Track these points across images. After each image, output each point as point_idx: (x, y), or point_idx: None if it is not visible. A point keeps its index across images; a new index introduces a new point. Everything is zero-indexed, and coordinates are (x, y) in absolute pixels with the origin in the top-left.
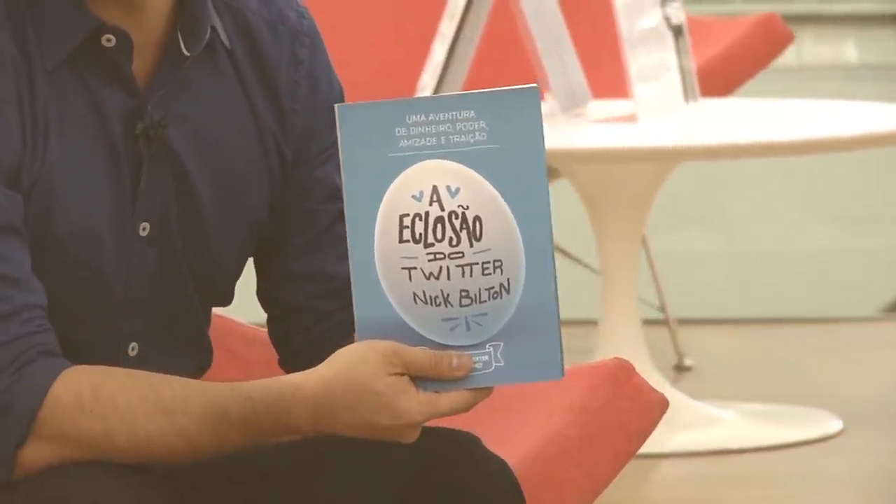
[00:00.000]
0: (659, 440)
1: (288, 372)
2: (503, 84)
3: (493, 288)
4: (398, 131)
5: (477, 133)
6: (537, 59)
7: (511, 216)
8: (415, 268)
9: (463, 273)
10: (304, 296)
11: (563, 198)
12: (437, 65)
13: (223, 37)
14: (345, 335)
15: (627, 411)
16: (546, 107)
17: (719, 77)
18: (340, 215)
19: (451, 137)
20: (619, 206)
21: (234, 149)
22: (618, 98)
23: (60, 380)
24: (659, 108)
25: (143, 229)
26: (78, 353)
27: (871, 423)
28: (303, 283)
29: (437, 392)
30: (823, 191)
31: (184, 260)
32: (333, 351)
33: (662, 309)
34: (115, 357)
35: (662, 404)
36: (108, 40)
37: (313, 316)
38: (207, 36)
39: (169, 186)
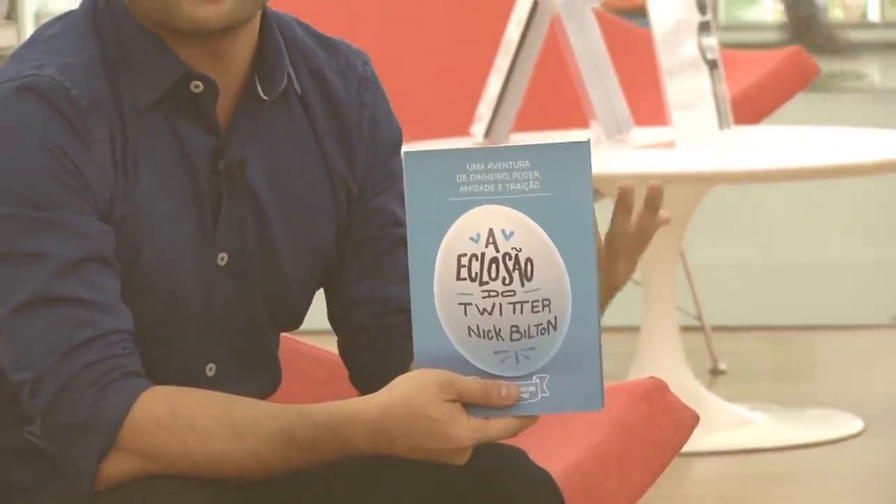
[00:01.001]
0: (694, 440)
1: (357, 387)
2: (552, 114)
3: (541, 324)
4: (459, 178)
5: (531, 182)
6: (584, 91)
7: (560, 259)
8: (470, 304)
9: (514, 310)
10: (367, 316)
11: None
12: (493, 97)
13: (296, 83)
14: (404, 348)
15: (661, 427)
16: (592, 133)
17: (751, 106)
18: (397, 241)
19: (507, 185)
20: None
21: (306, 187)
22: (658, 125)
23: (141, 399)
24: (695, 135)
25: (222, 259)
26: (160, 373)
27: (891, 424)
28: (365, 306)
29: (486, 418)
30: (845, 208)
31: (258, 288)
32: (395, 365)
33: (699, 317)
34: (194, 377)
35: (694, 419)
36: (196, 86)
37: (376, 333)
38: (284, 83)
39: (246, 220)
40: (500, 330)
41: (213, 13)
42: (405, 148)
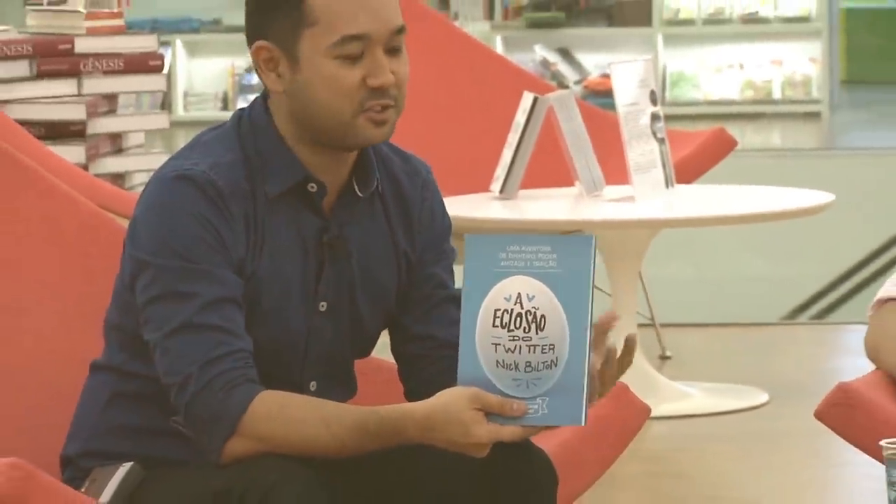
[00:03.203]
0: None
1: (410, 400)
2: (548, 176)
3: (546, 362)
4: (501, 255)
5: (550, 261)
6: (570, 159)
7: (564, 317)
8: (499, 344)
9: (529, 351)
10: (420, 349)
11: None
12: (506, 163)
13: (379, 185)
14: (445, 373)
15: (625, 416)
16: (576, 191)
17: (688, 170)
18: (445, 298)
19: (533, 262)
20: (623, 254)
21: (379, 258)
22: (622, 184)
23: (258, 398)
24: (649, 191)
25: (322, 307)
26: (275, 387)
27: (787, 397)
28: (420, 342)
29: (501, 425)
30: (754, 240)
31: (346, 328)
32: (438, 385)
33: (651, 317)
34: (301, 390)
35: (647, 410)
36: (312, 187)
37: (426, 362)
38: (375, 184)
39: (340, 280)
40: (518, 364)
41: (380, 135)
42: (469, 234)
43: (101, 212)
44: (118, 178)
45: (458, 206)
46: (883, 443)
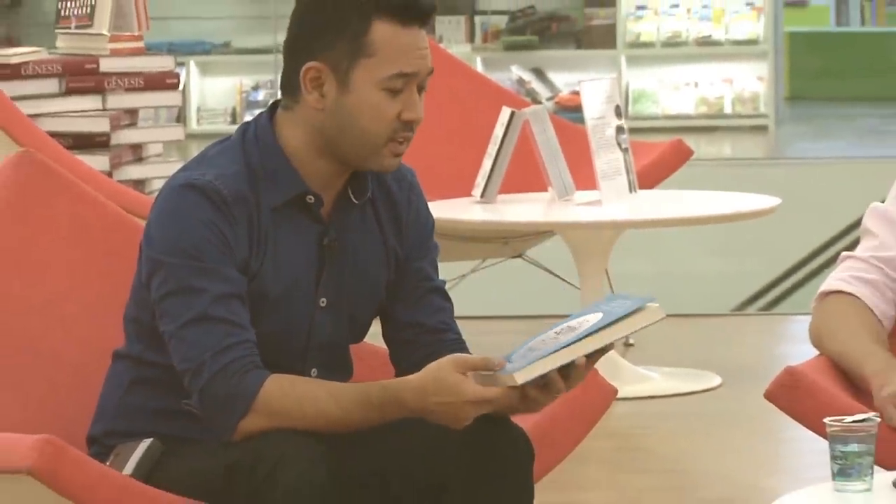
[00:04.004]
0: None
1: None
2: (524, 182)
3: (538, 346)
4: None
5: (619, 310)
6: (544, 167)
7: (576, 335)
8: (543, 334)
9: (543, 341)
10: (409, 335)
11: (560, 248)
12: (486, 171)
13: (370, 191)
14: (433, 355)
15: (594, 398)
16: (549, 195)
17: (649, 177)
18: (429, 289)
19: (615, 308)
20: (591, 252)
21: (371, 256)
22: (591, 189)
23: (269, 379)
24: (615, 196)
25: (322, 302)
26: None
27: (739, 380)
28: (408, 328)
29: (484, 386)
30: (707, 240)
31: (343, 320)
32: (425, 366)
33: None
34: (303, 376)
35: (614, 391)
36: (310, 199)
37: (415, 346)
38: (369, 192)
39: (339, 278)
40: (531, 345)
41: (392, 165)
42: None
43: (124, 214)
44: (139, 184)
45: (444, 209)
46: (826, 420)
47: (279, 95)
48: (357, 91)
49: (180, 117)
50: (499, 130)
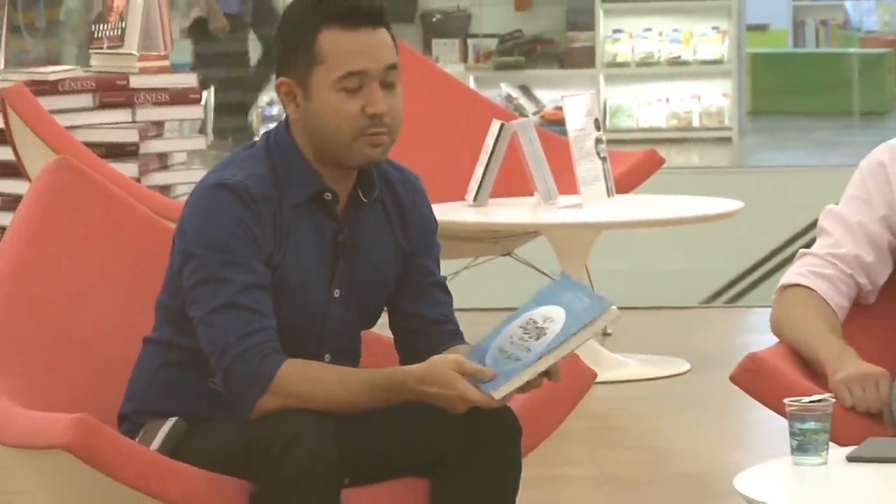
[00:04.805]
0: None
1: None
2: (512, 187)
3: (518, 356)
4: (568, 293)
5: (582, 305)
6: (530, 174)
7: (550, 341)
8: (512, 336)
9: (518, 348)
10: (412, 325)
11: (544, 247)
12: (478, 177)
13: (379, 192)
14: (433, 344)
15: (575, 382)
16: (535, 199)
17: (625, 182)
18: (431, 283)
19: (574, 303)
20: (573, 250)
21: (382, 252)
22: (572, 194)
23: (286, 363)
24: (594, 200)
25: (336, 293)
26: (297, 358)
27: (706, 366)
28: (412, 319)
29: (476, 386)
30: (676, 238)
31: (355, 309)
32: (426, 354)
33: None
34: (317, 360)
35: (594, 375)
36: (327, 196)
37: (417, 335)
38: (377, 192)
39: (351, 271)
40: (506, 351)
41: (375, 155)
42: (564, 272)
43: (152, 215)
44: (164, 189)
45: (440, 212)
46: (786, 401)
47: None
48: (318, 96)
49: (202, 129)
50: (490, 141)
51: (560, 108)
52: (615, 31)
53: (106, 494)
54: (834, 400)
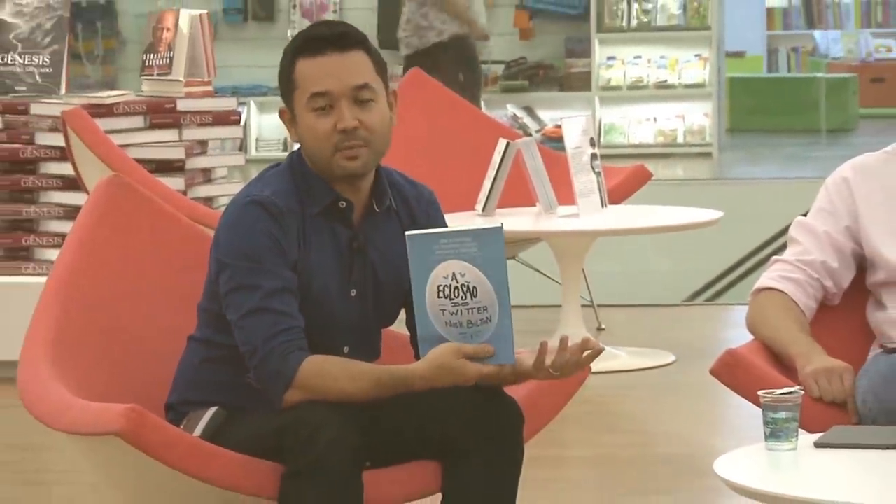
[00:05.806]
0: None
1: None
2: (517, 198)
3: (482, 318)
4: (435, 247)
5: (473, 248)
6: (532, 187)
7: (490, 285)
8: (445, 310)
9: (468, 312)
10: None
11: (545, 252)
12: (486, 189)
13: (393, 203)
14: None
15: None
16: (537, 209)
17: (617, 194)
18: None
19: (459, 250)
20: (571, 254)
21: (396, 257)
22: (570, 205)
23: (306, 361)
24: (590, 210)
25: (353, 293)
26: (319, 352)
27: (689, 358)
28: None
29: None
30: (661, 244)
31: (371, 308)
32: None
33: (591, 299)
34: (337, 353)
35: (588, 368)
36: (342, 205)
37: None
38: (388, 203)
39: (366, 274)
40: (461, 323)
41: (353, 167)
42: (410, 232)
43: (195, 225)
44: (208, 201)
45: (450, 221)
46: (760, 392)
47: None
48: (300, 119)
49: (242, 147)
50: (496, 157)
51: (559, 128)
52: (609, 58)
53: (152, 476)
54: (803, 392)
